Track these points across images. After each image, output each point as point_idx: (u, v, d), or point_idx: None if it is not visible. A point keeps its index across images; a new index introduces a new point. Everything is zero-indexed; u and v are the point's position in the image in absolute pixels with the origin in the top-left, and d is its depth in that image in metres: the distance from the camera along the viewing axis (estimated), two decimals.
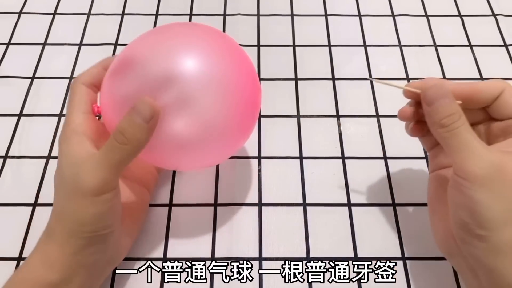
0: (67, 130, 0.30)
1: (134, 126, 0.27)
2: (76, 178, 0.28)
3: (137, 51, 0.30)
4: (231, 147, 0.33)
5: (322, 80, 0.46)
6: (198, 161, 0.33)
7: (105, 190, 0.28)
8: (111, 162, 0.28)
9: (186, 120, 0.29)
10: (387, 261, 0.34)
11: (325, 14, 0.52)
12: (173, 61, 0.29)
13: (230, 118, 0.30)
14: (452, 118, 0.27)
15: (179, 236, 0.36)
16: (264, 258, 0.35)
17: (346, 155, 0.41)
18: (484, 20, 0.51)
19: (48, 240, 0.29)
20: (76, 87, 0.32)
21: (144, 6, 0.52)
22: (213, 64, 0.29)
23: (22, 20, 0.50)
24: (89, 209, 0.28)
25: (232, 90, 0.30)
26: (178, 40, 0.30)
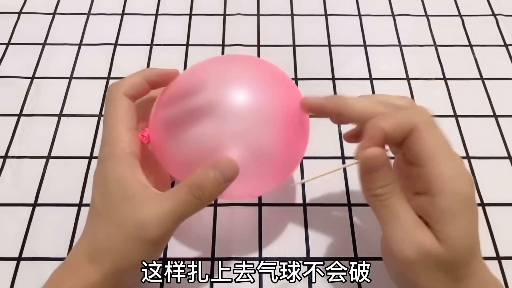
0: (115, 148, 0.28)
1: (214, 184, 0.27)
2: (139, 223, 0.27)
3: (193, 81, 0.30)
4: (280, 179, 0.33)
5: (322, 80, 0.46)
6: (245, 191, 0.33)
7: (166, 240, 0.28)
8: (180, 214, 0.27)
9: (238, 151, 0.28)
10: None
11: (325, 14, 0.52)
12: (227, 94, 0.29)
13: (279, 150, 0.30)
14: (387, 188, 0.26)
15: (179, 236, 0.36)
16: (264, 258, 0.35)
17: (346, 155, 0.41)
18: (484, 20, 0.51)
19: (92, 267, 0.28)
20: (119, 98, 0.30)
21: (144, 6, 0.52)
22: (265, 97, 0.30)
23: (22, 20, 0.50)
24: (147, 255, 0.28)
25: (281, 120, 0.30)
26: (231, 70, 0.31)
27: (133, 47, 0.48)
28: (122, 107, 0.29)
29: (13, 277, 0.34)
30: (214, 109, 0.28)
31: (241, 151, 0.28)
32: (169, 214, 0.27)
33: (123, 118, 0.29)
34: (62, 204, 0.38)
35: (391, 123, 0.26)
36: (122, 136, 0.29)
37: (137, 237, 0.27)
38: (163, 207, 0.27)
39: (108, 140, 0.29)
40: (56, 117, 0.43)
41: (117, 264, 0.27)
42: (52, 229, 0.37)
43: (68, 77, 0.46)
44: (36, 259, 0.35)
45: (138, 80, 0.31)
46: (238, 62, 0.33)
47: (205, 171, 0.27)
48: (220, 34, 0.49)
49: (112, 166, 0.28)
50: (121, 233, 0.27)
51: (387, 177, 0.27)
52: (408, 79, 0.46)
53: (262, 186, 0.33)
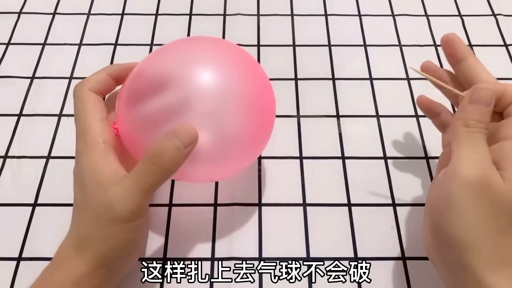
0: (88, 139, 0.29)
1: (173, 150, 0.27)
2: (107, 204, 0.27)
3: (155, 68, 0.30)
4: (247, 159, 0.34)
5: (322, 80, 0.46)
6: (215, 173, 0.33)
7: (138, 216, 0.28)
8: (145, 186, 0.27)
9: (206, 134, 0.29)
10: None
11: (325, 14, 0.52)
12: (193, 78, 0.29)
13: (247, 130, 0.30)
14: (479, 124, 0.27)
15: (179, 236, 0.36)
16: (264, 258, 0.35)
17: (346, 155, 0.41)
18: (484, 20, 0.51)
19: (78, 259, 0.28)
20: (85, 93, 0.30)
21: (144, 6, 0.52)
22: (231, 78, 0.30)
23: (22, 20, 0.50)
24: (123, 235, 0.28)
25: (249, 102, 0.30)
26: (193, 55, 0.30)
27: (133, 47, 0.48)
28: (89, 101, 0.30)
29: (13, 277, 0.34)
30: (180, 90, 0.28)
31: (206, 132, 0.28)
32: (133, 188, 0.27)
33: (92, 110, 0.30)
34: (62, 204, 0.38)
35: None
36: (93, 126, 0.29)
37: (107, 219, 0.27)
38: (127, 183, 0.27)
39: (81, 132, 0.29)
40: (56, 117, 0.43)
41: (99, 252, 0.28)
42: (52, 229, 0.36)
43: (68, 77, 0.46)
44: (36, 259, 0.35)
45: (102, 76, 0.31)
46: (201, 44, 0.32)
47: (163, 139, 0.27)
48: (220, 34, 0.49)
49: (85, 157, 0.29)
50: (95, 219, 0.28)
51: (486, 116, 0.28)
52: (408, 79, 0.46)
53: (225, 170, 0.33)
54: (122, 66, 0.33)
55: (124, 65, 0.33)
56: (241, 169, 0.35)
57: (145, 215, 0.29)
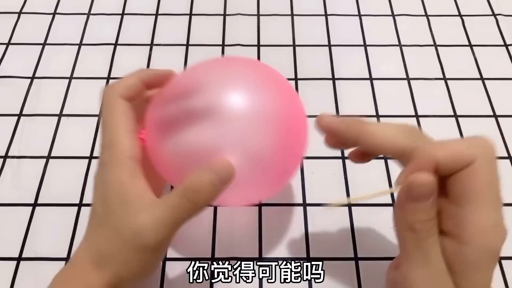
0: (115, 153, 0.27)
1: (209, 187, 0.26)
2: (136, 232, 0.26)
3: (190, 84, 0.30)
4: (278, 183, 0.32)
5: (322, 80, 0.46)
6: (244, 197, 0.32)
7: (165, 247, 0.28)
8: (177, 220, 0.26)
9: (236, 156, 0.27)
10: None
11: (325, 14, 0.52)
12: (223, 97, 0.28)
13: (277, 155, 0.29)
14: (426, 225, 0.24)
15: (179, 236, 0.36)
16: (264, 258, 0.35)
17: (346, 155, 0.41)
18: (484, 20, 0.51)
19: (95, 276, 0.27)
20: (115, 101, 0.29)
21: (144, 6, 0.52)
22: (264, 100, 0.29)
23: (22, 20, 0.50)
24: (146, 262, 0.27)
25: (279, 125, 0.29)
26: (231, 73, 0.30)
27: (133, 47, 0.48)
28: (120, 110, 0.29)
29: (13, 277, 0.34)
30: (211, 111, 0.28)
31: (238, 155, 0.27)
32: (164, 220, 0.26)
33: (122, 121, 0.28)
34: (62, 204, 0.38)
35: (447, 153, 0.23)
36: (122, 139, 0.28)
37: (134, 245, 0.26)
38: (158, 214, 0.26)
39: (109, 144, 0.28)
40: (56, 117, 0.43)
41: (118, 273, 0.27)
42: (52, 229, 0.37)
43: (68, 77, 0.46)
44: (36, 259, 0.35)
45: (134, 81, 0.30)
46: (237, 65, 0.32)
47: (200, 174, 0.26)
48: (220, 34, 0.49)
49: (112, 171, 0.27)
50: (119, 241, 0.27)
51: (430, 211, 0.24)
52: (408, 79, 0.46)
53: (259, 193, 0.32)
54: (155, 71, 0.31)
55: (156, 70, 0.31)
56: (276, 190, 0.33)
57: (168, 246, 0.29)
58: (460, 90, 0.45)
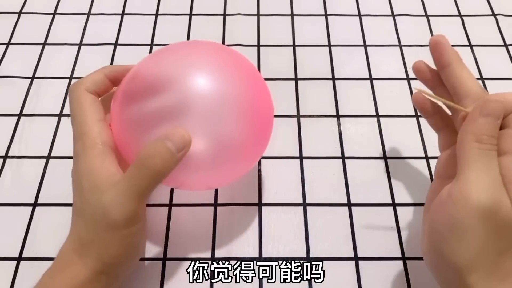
0: (86, 140, 0.28)
1: (165, 152, 0.26)
2: (103, 210, 0.27)
3: (152, 71, 0.30)
4: (244, 167, 0.33)
5: (322, 80, 0.46)
6: (211, 181, 0.33)
7: (135, 221, 0.27)
8: (138, 190, 0.26)
9: (202, 139, 0.28)
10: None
11: (325, 14, 0.52)
12: (190, 82, 0.28)
13: (244, 135, 0.30)
14: (491, 140, 0.26)
15: (179, 236, 0.36)
16: (264, 258, 0.35)
17: (346, 155, 0.41)
18: (484, 20, 0.51)
19: (80, 264, 0.28)
20: (82, 94, 0.30)
21: (144, 6, 0.52)
22: (227, 83, 0.29)
23: (22, 20, 0.50)
24: (122, 241, 0.27)
25: (245, 107, 0.30)
26: (191, 59, 0.30)
27: (133, 47, 0.48)
28: (86, 102, 0.29)
29: (13, 277, 0.34)
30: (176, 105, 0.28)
31: (202, 138, 0.28)
32: (126, 192, 0.26)
33: (90, 111, 0.29)
34: (62, 204, 0.38)
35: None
36: (91, 127, 0.29)
37: (105, 225, 0.27)
38: (120, 188, 0.27)
39: (79, 135, 0.29)
40: (56, 117, 0.43)
41: (100, 258, 0.27)
42: (52, 229, 0.37)
43: (68, 77, 0.46)
44: (36, 259, 0.35)
45: (99, 76, 0.31)
46: (199, 48, 0.32)
47: (155, 141, 0.27)
48: (220, 34, 0.49)
49: (84, 159, 0.28)
50: (94, 225, 0.27)
51: (495, 129, 0.26)
52: (408, 79, 0.46)
53: (222, 177, 0.32)
54: (119, 67, 0.32)
55: (121, 66, 0.32)
56: (238, 176, 0.34)
57: (142, 219, 0.28)
58: None
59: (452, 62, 0.31)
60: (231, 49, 0.34)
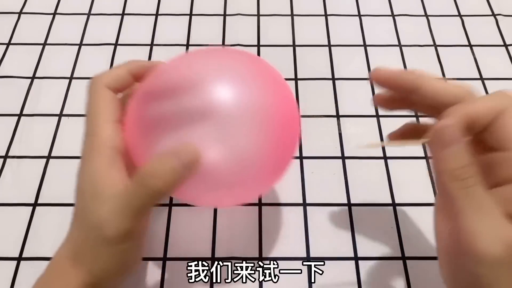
0: (96, 142, 0.26)
1: (168, 171, 0.24)
2: (97, 224, 0.25)
3: (175, 74, 0.28)
4: (267, 183, 0.31)
5: (322, 80, 0.46)
6: (233, 198, 0.30)
7: (129, 239, 0.26)
8: (134, 209, 0.25)
9: (223, 154, 0.26)
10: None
11: (325, 14, 0.52)
12: (213, 91, 0.26)
13: (268, 154, 0.27)
14: (468, 171, 0.23)
15: (179, 236, 0.36)
16: (264, 258, 0.35)
17: (346, 155, 0.41)
18: (484, 20, 0.51)
19: (72, 273, 0.27)
20: (100, 89, 0.28)
21: (144, 6, 0.52)
22: (254, 94, 0.27)
23: (22, 20, 0.50)
24: (113, 257, 0.26)
25: (271, 123, 0.27)
26: (219, 65, 0.28)
27: (133, 47, 0.48)
28: (104, 99, 0.28)
29: (13, 277, 0.34)
30: (200, 110, 0.26)
31: (225, 155, 0.26)
32: (123, 209, 0.25)
33: (105, 110, 0.27)
34: (62, 204, 0.38)
35: (478, 106, 0.24)
36: (103, 128, 0.27)
37: (99, 238, 0.25)
38: (118, 203, 0.25)
39: (90, 133, 0.27)
40: (56, 117, 0.43)
41: (92, 271, 0.26)
42: (52, 229, 0.37)
43: (68, 77, 0.46)
44: (36, 259, 0.35)
45: (122, 72, 0.29)
46: (229, 58, 0.30)
47: (159, 158, 0.25)
48: (220, 34, 0.49)
49: (90, 161, 0.26)
50: (88, 235, 0.26)
51: (465, 156, 0.23)
52: None
53: (245, 193, 0.30)
54: (146, 63, 0.30)
55: (147, 62, 0.30)
56: (257, 194, 0.32)
57: (138, 237, 0.27)
58: None
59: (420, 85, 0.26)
60: (261, 59, 0.32)
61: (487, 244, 0.22)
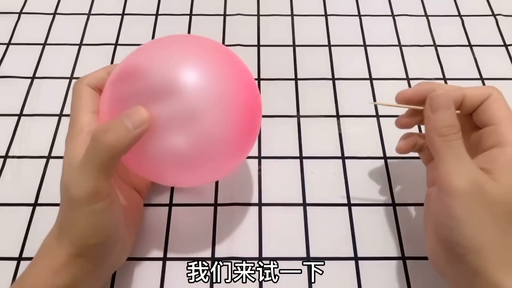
0: (74, 128, 0.29)
1: (119, 127, 0.26)
2: (66, 188, 0.27)
3: (139, 61, 0.30)
4: (230, 164, 0.33)
5: (322, 80, 0.46)
6: (196, 178, 0.32)
7: (97, 199, 0.27)
8: (94, 166, 0.26)
9: (186, 135, 0.28)
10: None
11: (325, 14, 0.52)
12: (175, 73, 0.28)
13: (231, 134, 0.29)
14: (451, 129, 0.28)
15: (179, 236, 0.36)
16: (264, 258, 0.35)
17: (346, 155, 0.41)
18: (484, 20, 0.51)
19: (57, 247, 0.28)
20: (82, 87, 0.31)
21: (144, 6, 0.52)
22: (215, 77, 0.29)
23: (22, 20, 0.50)
24: (86, 220, 0.27)
25: (233, 104, 0.29)
26: (180, 52, 0.30)
27: (133, 47, 0.48)
28: (84, 95, 0.30)
29: (13, 277, 0.34)
30: (163, 90, 0.28)
31: (186, 133, 0.28)
32: (84, 168, 0.26)
33: (84, 103, 0.30)
34: None
35: (470, 89, 0.30)
36: (82, 117, 0.30)
37: (70, 203, 0.27)
38: (80, 165, 0.27)
39: (71, 123, 0.30)
40: (56, 117, 0.43)
41: (72, 239, 0.28)
42: None
43: (68, 77, 0.46)
44: None
45: (101, 73, 0.32)
46: (194, 43, 0.32)
47: (112, 120, 0.27)
48: (220, 34, 0.49)
49: (70, 146, 0.29)
50: (63, 205, 0.28)
51: (451, 118, 0.28)
52: (408, 79, 0.46)
53: (211, 174, 0.32)
54: None
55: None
56: (224, 173, 0.34)
57: (106, 198, 0.27)
58: None
59: (434, 89, 0.31)
60: (221, 45, 0.34)
61: (458, 181, 0.27)
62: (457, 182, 0.27)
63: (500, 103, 0.30)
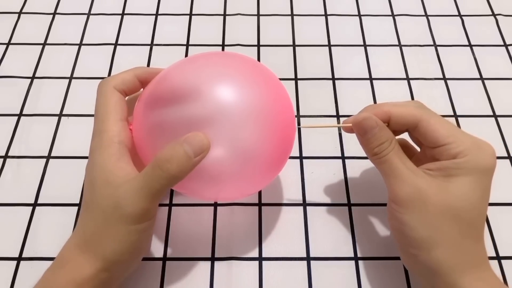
0: (104, 138, 0.29)
1: (182, 156, 0.26)
2: (115, 203, 0.27)
3: (182, 81, 0.29)
4: (268, 178, 0.33)
5: (322, 80, 0.46)
6: (235, 193, 0.32)
7: (145, 219, 0.28)
8: (151, 191, 0.27)
9: (226, 152, 0.28)
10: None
11: (325, 14, 0.52)
12: (223, 96, 0.28)
13: (268, 150, 0.30)
14: (383, 147, 0.30)
15: (179, 236, 0.37)
16: (264, 258, 0.35)
17: (346, 155, 0.41)
18: (484, 20, 0.51)
19: (82, 260, 0.28)
20: (109, 91, 0.30)
21: (144, 6, 0.52)
22: (253, 96, 0.29)
23: (22, 20, 0.50)
24: (128, 237, 0.27)
25: (270, 121, 0.29)
26: (219, 70, 0.30)
27: (133, 47, 0.48)
28: (112, 100, 0.30)
29: (13, 277, 0.34)
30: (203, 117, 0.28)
31: (228, 151, 0.28)
32: (140, 189, 0.27)
33: (113, 109, 0.30)
34: (62, 204, 0.38)
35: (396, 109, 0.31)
36: (111, 126, 0.29)
37: (115, 218, 0.27)
38: (134, 184, 0.27)
39: (99, 130, 0.29)
40: (56, 117, 0.43)
41: (103, 254, 0.27)
42: (52, 229, 0.37)
43: (68, 77, 0.46)
44: (36, 259, 0.35)
45: (129, 76, 0.31)
46: (227, 62, 0.32)
47: (172, 144, 0.27)
48: (220, 34, 0.49)
49: (99, 155, 0.28)
50: (102, 218, 0.27)
51: (380, 137, 0.30)
52: (408, 79, 0.46)
53: (243, 188, 0.32)
54: (151, 69, 0.32)
55: (153, 69, 0.32)
56: (260, 186, 0.34)
57: (151, 219, 0.28)
58: (460, 90, 0.45)
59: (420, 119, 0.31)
60: (257, 61, 0.33)
61: (399, 190, 0.29)
62: (398, 192, 0.29)
63: (433, 123, 0.30)
